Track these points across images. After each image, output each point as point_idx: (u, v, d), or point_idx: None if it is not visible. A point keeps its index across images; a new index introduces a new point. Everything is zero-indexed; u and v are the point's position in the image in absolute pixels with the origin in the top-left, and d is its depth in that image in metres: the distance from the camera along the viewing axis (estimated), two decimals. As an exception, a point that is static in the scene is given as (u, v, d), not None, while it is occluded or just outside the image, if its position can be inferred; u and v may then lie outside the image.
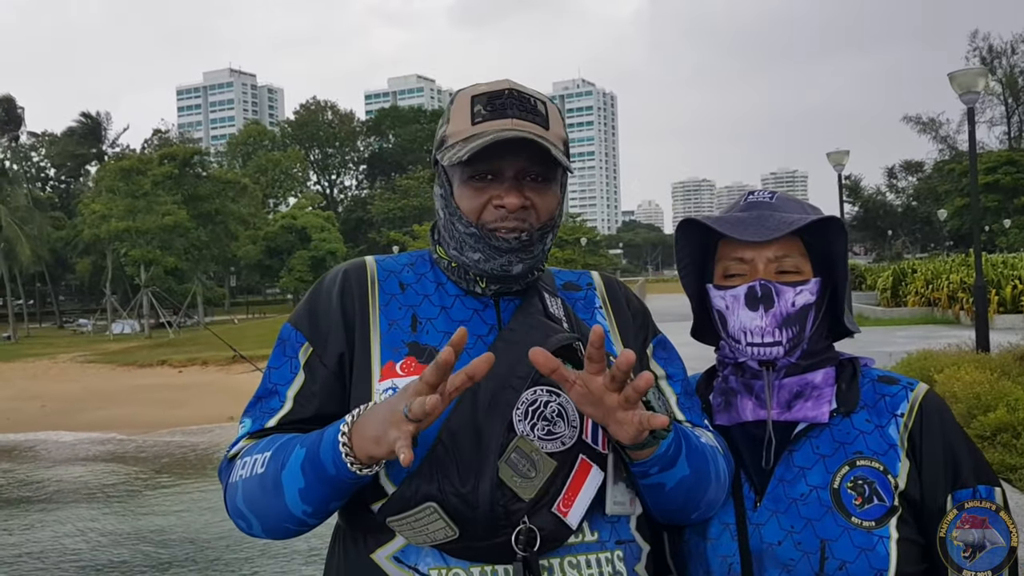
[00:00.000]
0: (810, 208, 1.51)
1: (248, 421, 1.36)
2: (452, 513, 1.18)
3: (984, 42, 69.35)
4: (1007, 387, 7.38)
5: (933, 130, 70.93)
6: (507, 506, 1.19)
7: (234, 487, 1.30)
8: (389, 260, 1.46)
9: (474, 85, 1.39)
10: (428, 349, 1.32)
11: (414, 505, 1.19)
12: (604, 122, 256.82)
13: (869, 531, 1.36)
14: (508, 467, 1.21)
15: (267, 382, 1.38)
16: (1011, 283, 21.17)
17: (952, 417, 1.45)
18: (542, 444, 1.24)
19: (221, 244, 57.47)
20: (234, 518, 1.32)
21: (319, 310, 1.38)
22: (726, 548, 1.41)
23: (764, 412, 1.44)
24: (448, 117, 1.37)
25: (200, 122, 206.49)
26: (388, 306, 1.36)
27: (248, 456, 1.29)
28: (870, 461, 1.40)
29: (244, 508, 1.28)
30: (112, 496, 13.96)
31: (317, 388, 1.34)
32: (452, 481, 1.19)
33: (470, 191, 1.32)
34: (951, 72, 14.33)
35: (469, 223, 1.32)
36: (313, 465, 1.19)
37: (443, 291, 1.39)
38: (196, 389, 24.04)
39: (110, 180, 53.94)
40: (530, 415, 1.25)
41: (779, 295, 1.41)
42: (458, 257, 1.37)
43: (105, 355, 36.12)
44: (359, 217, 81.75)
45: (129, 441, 18.83)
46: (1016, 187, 57.84)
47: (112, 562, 10.02)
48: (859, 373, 1.50)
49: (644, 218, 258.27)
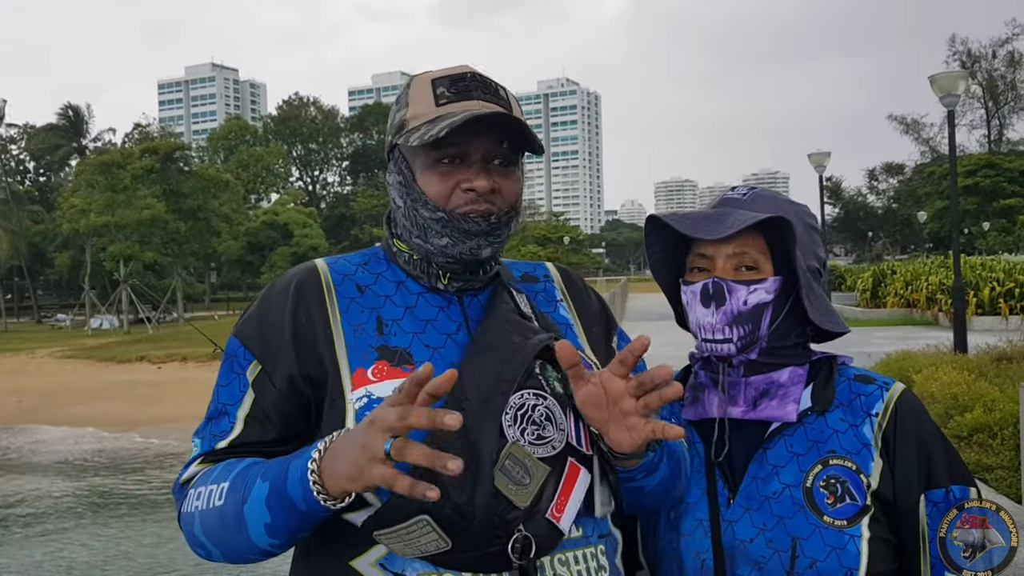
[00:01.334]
0: (788, 204, 1.50)
1: (199, 442, 1.30)
2: (445, 525, 1.14)
3: (963, 46, 70.05)
4: (984, 388, 7.46)
5: (915, 131, 71.54)
6: (502, 515, 1.16)
7: (190, 516, 1.24)
8: (341, 262, 1.39)
9: (428, 71, 1.35)
10: (399, 351, 1.27)
11: (406, 518, 1.14)
12: (588, 121, 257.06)
13: (841, 530, 1.36)
14: (503, 475, 1.17)
15: (216, 401, 1.31)
16: (989, 285, 21.37)
17: (928, 418, 1.45)
18: (533, 449, 1.21)
19: (202, 240, 57.10)
20: (192, 546, 1.27)
21: (268, 326, 1.30)
22: (699, 544, 1.42)
23: (730, 408, 1.46)
24: (406, 101, 1.32)
25: (182, 117, 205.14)
26: (348, 311, 1.30)
27: (203, 486, 1.23)
28: (843, 460, 1.40)
29: (202, 538, 1.23)
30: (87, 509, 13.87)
31: (269, 409, 1.27)
32: (446, 492, 1.13)
33: (436, 176, 1.28)
34: (932, 75, 14.44)
35: (436, 207, 1.28)
36: (280, 501, 1.13)
37: (404, 290, 1.34)
38: (175, 385, 23.89)
39: (90, 174, 53.52)
40: (519, 420, 1.22)
41: (731, 293, 1.42)
42: (421, 246, 1.32)
43: (83, 351, 35.84)
44: (341, 213, 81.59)
45: (107, 438, 18.68)
46: (995, 190, 58.45)
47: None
48: (836, 372, 1.50)
49: (627, 218, 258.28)
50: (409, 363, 1.26)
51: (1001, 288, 21.15)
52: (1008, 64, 69.35)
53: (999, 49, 68.98)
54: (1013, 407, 6.38)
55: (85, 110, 75.87)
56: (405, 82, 1.38)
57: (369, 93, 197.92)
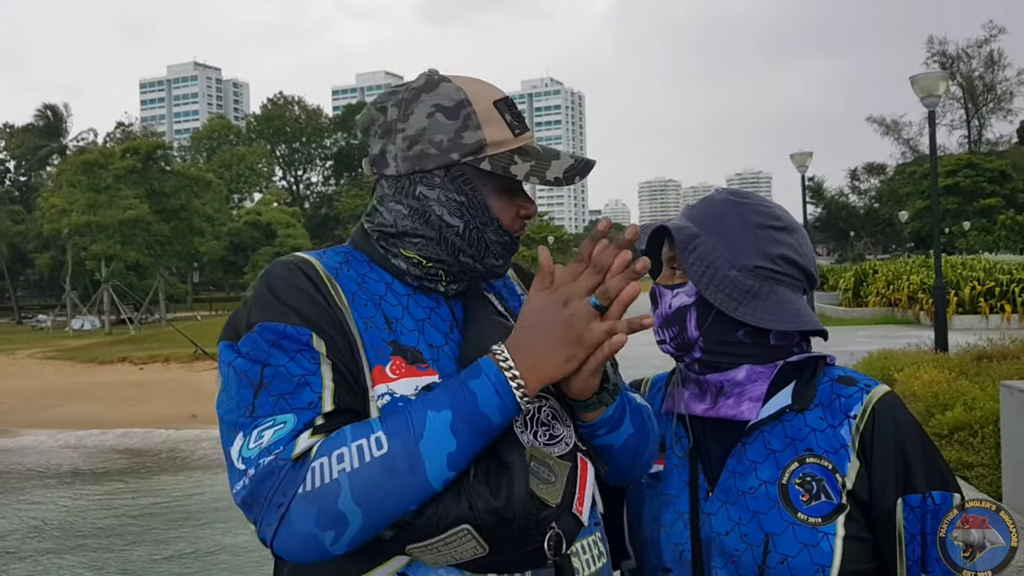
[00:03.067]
0: (724, 206, 1.52)
1: (289, 418, 1.14)
2: (485, 531, 1.14)
3: (941, 47, 70.57)
4: (965, 386, 7.51)
5: (896, 132, 72.04)
6: (538, 515, 1.18)
7: (330, 487, 1.09)
8: (325, 257, 1.33)
9: (473, 80, 1.34)
10: (410, 350, 1.24)
11: (444, 529, 1.13)
12: (572, 121, 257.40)
13: (815, 527, 1.37)
14: (533, 476, 1.20)
15: (284, 376, 1.16)
16: (970, 284, 21.56)
17: (909, 421, 1.45)
18: (549, 448, 1.24)
19: (184, 240, 56.74)
20: (316, 531, 1.10)
21: (300, 303, 1.20)
22: (679, 536, 1.45)
23: (694, 405, 1.49)
24: (477, 123, 1.28)
25: (164, 116, 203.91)
26: (355, 304, 1.25)
27: (337, 449, 1.10)
28: (819, 459, 1.41)
29: (350, 506, 1.09)
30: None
31: (349, 376, 1.19)
32: (484, 498, 1.13)
33: (506, 202, 1.32)
34: (912, 75, 14.56)
35: (505, 232, 1.32)
36: (469, 422, 1.11)
37: (393, 291, 1.31)
38: (157, 386, 23.75)
39: (71, 174, 53.09)
40: (529, 424, 1.25)
41: (660, 297, 1.51)
42: (469, 264, 1.31)
43: (65, 351, 35.59)
44: (325, 214, 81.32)
45: (88, 437, 18.54)
46: (975, 190, 58.90)
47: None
48: (819, 371, 1.50)
49: (611, 217, 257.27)
50: (422, 361, 1.23)
51: (981, 287, 21.34)
52: (986, 65, 69.98)
53: (977, 50, 69.60)
54: (993, 405, 6.44)
55: (63, 109, 75.36)
56: (453, 92, 1.30)
57: (353, 92, 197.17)
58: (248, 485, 1.12)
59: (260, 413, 1.14)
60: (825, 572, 1.35)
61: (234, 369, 1.18)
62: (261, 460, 1.11)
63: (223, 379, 1.20)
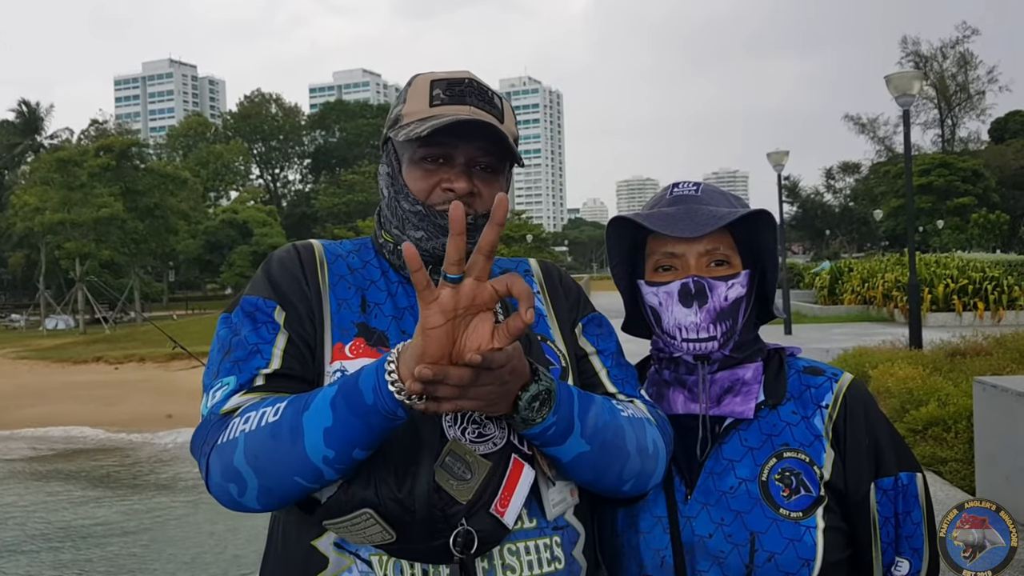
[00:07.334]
0: (734, 199, 1.51)
1: (231, 379, 1.26)
2: (388, 518, 1.18)
3: (914, 46, 71.13)
4: (938, 383, 7.58)
5: (871, 131, 72.55)
6: (444, 510, 1.19)
7: (230, 444, 1.18)
8: (335, 245, 1.47)
9: (432, 72, 1.40)
10: (377, 333, 1.33)
11: (351, 510, 1.19)
12: (550, 120, 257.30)
13: (797, 522, 1.37)
14: (444, 471, 1.20)
15: (240, 347, 1.29)
16: (943, 282, 21.76)
17: (876, 407, 1.47)
18: (474, 447, 1.24)
19: (160, 238, 56.14)
20: (222, 482, 1.20)
21: (284, 279, 1.36)
22: (658, 541, 1.42)
23: (695, 406, 1.46)
24: (404, 97, 1.39)
25: (139, 113, 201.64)
26: (336, 286, 1.37)
27: (254, 411, 1.19)
28: (796, 453, 1.41)
29: (243, 465, 1.17)
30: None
31: (302, 347, 1.30)
32: (389, 486, 1.18)
33: (420, 172, 1.35)
34: (887, 75, 14.65)
35: (415, 201, 1.35)
36: (347, 397, 1.12)
37: (387, 278, 1.41)
38: (133, 386, 23.52)
39: (45, 171, 52.38)
40: (459, 419, 1.25)
41: (712, 290, 1.42)
42: (399, 237, 1.38)
43: (39, 351, 35.14)
44: (303, 212, 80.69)
45: (62, 437, 18.34)
46: (949, 189, 59.38)
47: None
48: (785, 364, 1.51)
49: (589, 216, 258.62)
50: (385, 345, 1.30)
51: (955, 285, 21.54)
52: (959, 66, 70.61)
53: (950, 50, 70.21)
54: (967, 401, 6.50)
55: (39, 107, 74.34)
56: (415, 79, 1.41)
57: (330, 90, 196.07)
58: (193, 435, 1.27)
59: (220, 375, 1.28)
60: (810, 565, 1.35)
61: (217, 337, 1.34)
62: (206, 415, 1.26)
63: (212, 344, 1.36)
